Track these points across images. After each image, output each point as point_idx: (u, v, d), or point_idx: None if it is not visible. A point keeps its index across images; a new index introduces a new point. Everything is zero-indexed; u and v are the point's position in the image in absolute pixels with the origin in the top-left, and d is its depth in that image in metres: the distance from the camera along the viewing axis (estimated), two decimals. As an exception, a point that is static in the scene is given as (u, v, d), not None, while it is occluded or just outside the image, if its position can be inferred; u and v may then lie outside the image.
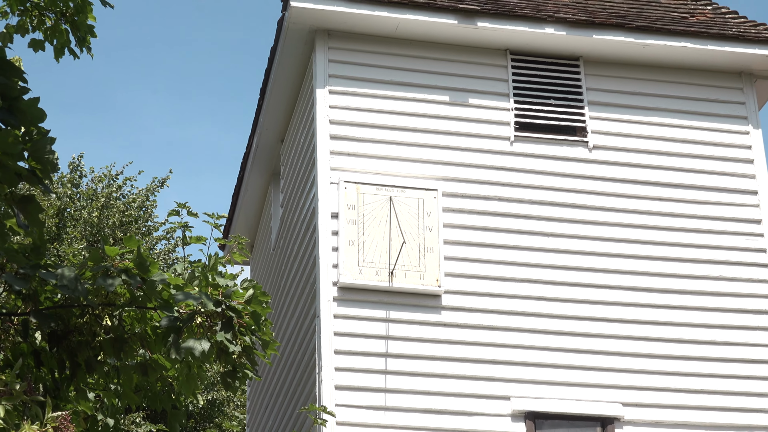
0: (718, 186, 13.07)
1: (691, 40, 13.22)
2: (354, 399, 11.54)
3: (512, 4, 13.18)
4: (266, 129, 14.58)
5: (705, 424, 12.05)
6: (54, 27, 7.57)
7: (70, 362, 7.26)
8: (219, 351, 6.80)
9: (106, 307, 6.97)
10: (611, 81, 13.31)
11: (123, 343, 7.09)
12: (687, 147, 13.18)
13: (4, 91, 5.77)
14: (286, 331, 13.56)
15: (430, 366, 11.82)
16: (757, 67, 13.44)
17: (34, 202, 6.01)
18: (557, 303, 12.25)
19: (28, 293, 7.09)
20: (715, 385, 12.22)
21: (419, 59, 12.99)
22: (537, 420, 11.83)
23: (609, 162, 12.98)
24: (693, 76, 13.47)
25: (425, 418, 11.63)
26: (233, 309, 6.78)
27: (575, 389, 11.97)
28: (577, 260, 12.47)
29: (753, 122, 13.39)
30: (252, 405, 16.56)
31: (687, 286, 12.56)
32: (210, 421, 22.68)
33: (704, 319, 12.45)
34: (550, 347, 12.07)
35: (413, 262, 12.04)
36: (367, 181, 12.29)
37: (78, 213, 24.52)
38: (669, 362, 12.23)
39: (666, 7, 13.90)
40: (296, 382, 12.88)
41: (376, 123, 12.65)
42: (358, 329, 11.81)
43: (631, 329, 12.28)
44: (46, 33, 7.74)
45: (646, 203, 12.86)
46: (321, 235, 12.04)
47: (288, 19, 12.63)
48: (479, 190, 12.59)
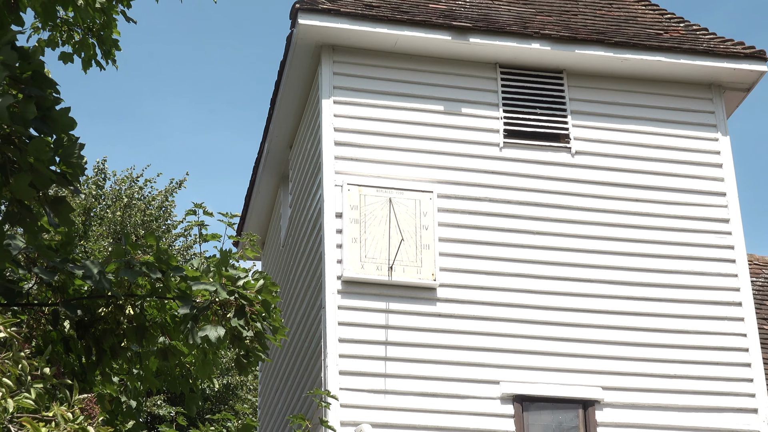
0: (689, 188, 13.07)
1: (666, 55, 13.22)
2: (356, 383, 11.54)
3: (501, 22, 13.18)
4: (276, 136, 14.58)
5: (678, 406, 12.06)
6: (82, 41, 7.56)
7: (96, 349, 7.25)
8: (233, 337, 6.80)
9: (128, 298, 6.97)
10: (592, 92, 13.31)
11: (144, 330, 7.09)
12: (661, 152, 13.18)
13: (38, 102, 5.77)
14: (294, 321, 13.56)
15: (426, 353, 11.82)
16: (725, 79, 13.44)
17: (64, 202, 6.01)
18: (543, 295, 12.26)
19: (57, 285, 7.09)
20: (687, 370, 12.22)
21: (416, 72, 12.99)
22: (524, 402, 11.82)
23: (590, 166, 12.97)
24: (667, 87, 13.46)
25: (422, 400, 11.63)
26: (245, 298, 6.78)
27: (559, 374, 11.98)
28: (561, 256, 12.47)
29: (722, 130, 13.39)
30: (263, 389, 16.55)
31: (661, 280, 12.57)
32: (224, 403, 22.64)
33: (677, 310, 12.46)
34: (536, 336, 12.08)
35: (411, 258, 12.04)
36: (369, 183, 12.30)
37: (103, 212, 24.50)
38: (645, 349, 12.24)
39: (642, 24, 13.90)
40: (303, 368, 12.88)
41: (376, 130, 12.65)
42: (361, 319, 11.82)
43: (611, 319, 12.29)
44: (74, 46, 7.73)
45: (624, 204, 12.86)
46: (326, 233, 12.05)
47: (296, 35, 12.65)
48: (471, 192, 12.59)
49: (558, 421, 11.89)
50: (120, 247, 7.01)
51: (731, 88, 13.57)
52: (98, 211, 24.55)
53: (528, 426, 11.76)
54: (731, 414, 12.11)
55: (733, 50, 13.35)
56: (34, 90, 5.83)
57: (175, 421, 18.82)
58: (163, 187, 26.33)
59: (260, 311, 6.81)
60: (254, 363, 7.14)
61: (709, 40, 13.56)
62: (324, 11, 12.59)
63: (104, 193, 25.36)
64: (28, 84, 5.83)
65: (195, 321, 6.74)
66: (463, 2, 13.66)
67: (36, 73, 5.90)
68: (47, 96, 5.88)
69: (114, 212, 24.17)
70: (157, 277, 6.84)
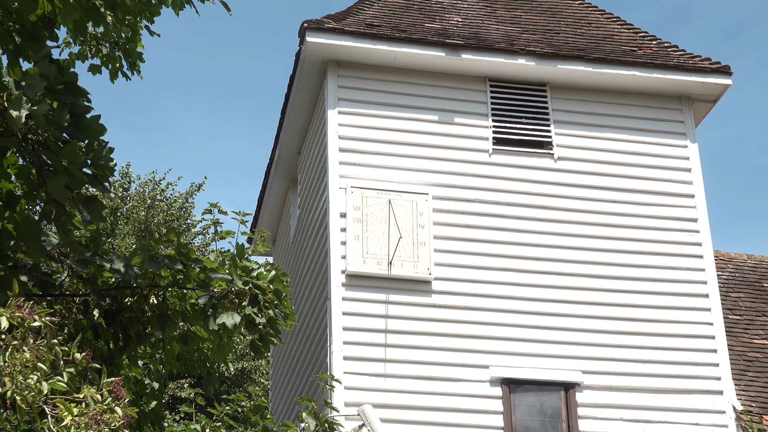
0: (661, 190, 13.07)
1: (639, 69, 13.22)
2: (359, 367, 11.54)
3: (490, 39, 13.18)
4: (286, 143, 14.58)
5: (651, 388, 12.06)
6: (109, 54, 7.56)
7: (123, 335, 7.24)
8: (248, 323, 6.79)
9: (152, 288, 6.96)
10: (573, 103, 13.31)
11: (166, 318, 7.08)
12: (635, 158, 13.18)
13: (72, 109, 5.77)
14: (302, 311, 13.56)
15: (422, 340, 11.82)
16: (693, 91, 13.44)
17: (96, 201, 6.02)
18: (528, 288, 12.26)
19: (87, 277, 7.08)
20: (659, 356, 12.23)
21: (413, 85, 12.99)
22: (511, 385, 11.82)
23: (571, 171, 12.97)
24: (641, 99, 13.46)
25: (418, 383, 11.63)
26: (259, 287, 6.77)
27: (543, 359, 11.98)
28: (545, 253, 12.48)
29: (690, 137, 13.39)
30: (274, 373, 16.54)
31: (635, 274, 12.57)
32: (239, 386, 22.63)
33: (650, 301, 12.46)
34: (523, 324, 12.08)
35: (408, 254, 12.03)
36: (370, 186, 12.29)
37: (128, 213, 24.48)
38: (621, 337, 12.24)
39: (618, 41, 13.91)
40: (311, 354, 12.88)
41: (377, 138, 12.65)
42: (363, 310, 11.82)
43: (590, 309, 12.30)
44: (102, 59, 7.72)
45: (601, 205, 12.87)
46: (331, 231, 12.05)
47: (304, 52, 12.65)
48: (463, 194, 12.59)
49: (542, 402, 11.89)
50: (144, 242, 7.01)
51: (699, 100, 13.57)
52: (124, 212, 24.53)
53: (515, 407, 11.76)
54: (699, 395, 12.12)
55: (701, 65, 13.36)
56: (68, 98, 5.84)
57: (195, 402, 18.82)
58: (184, 190, 26.33)
59: (272, 299, 6.80)
60: (267, 347, 7.14)
61: (679, 56, 13.57)
62: (330, 30, 12.59)
63: (129, 195, 25.35)
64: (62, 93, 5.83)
65: (213, 309, 6.74)
66: (455, 22, 13.67)
67: (69, 83, 5.91)
68: (80, 104, 5.88)
69: (138, 212, 24.16)
70: (178, 269, 6.84)
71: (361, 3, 13.75)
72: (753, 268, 15.34)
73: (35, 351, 5.19)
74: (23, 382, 5.09)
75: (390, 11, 13.64)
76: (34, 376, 5.12)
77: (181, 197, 25.80)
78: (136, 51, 7.55)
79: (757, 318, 14.12)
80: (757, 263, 15.49)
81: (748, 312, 14.22)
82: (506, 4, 14.54)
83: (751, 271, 15.25)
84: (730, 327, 13.49)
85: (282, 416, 14.67)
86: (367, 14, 13.36)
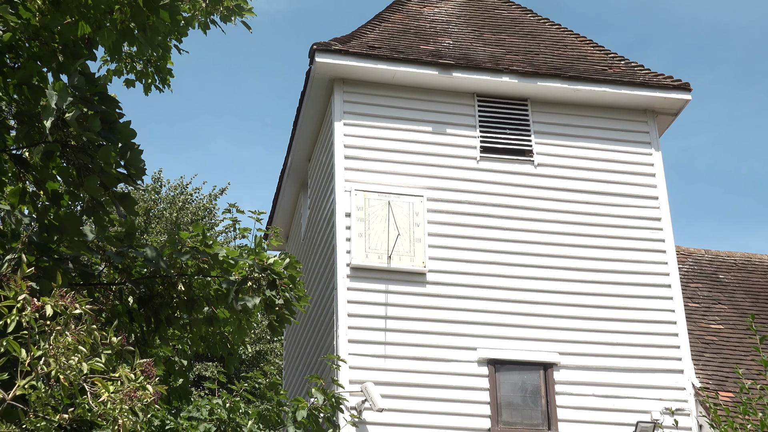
0: (629, 193, 13.06)
1: (610, 86, 13.22)
2: (362, 349, 11.53)
3: (478, 60, 13.17)
4: (297, 151, 14.57)
5: (619, 368, 12.04)
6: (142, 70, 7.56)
7: (154, 319, 7.24)
8: (266, 305, 6.79)
9: (180, 277, 6.97)
10: (551, 116, 13.30)
11: (193, 303, 7.09)
12: (606, 164, 13.17)
13: (105, 116, 5.77)
14: (312, 300, 13.54)
15: (418, 325, 11.81)
16: (657, 105, 13.44)
17: (130, 197, 6.02)
18: (512, 279, 12.25)
19: (123, 267, 7.08)
20: (627, 339, 12.22)
21: (410, 100, 12.98)
22: (496, 365, 11.81)
23: (549, 176, 12.97)
24: (611, 112, 13.46)
25: (413, 363, 11.62)
26: (275, 273, 6.78)
27: (524, 342, 11.96)
28: (526, 248, 12.47)
29: (655, 146, 13.38)
30: (287, 354, 16.53)
31: (606, 267, 12.56)
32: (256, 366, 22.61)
33: (619, 291, 12.45)
34: (506, 311, 12.07)
35: (405, 249, 12.02)
36: (372, 189, 12.28)
37: (159, 213, 24.45)
38: (593, 322, 12.23)
39: (591, 61, 13.90)
40: (319, 337, 12.87)
41: (378, 147, 12.64)
42: (365, 298, 11.80)
43: (566, 298, 12.28)
44: (136, 75, 7.71)
45: (577, 206, 12.86)
46: (338, 229, 12.04)
47: (314, 70, 12.64)
48: (454, 196, 12.58)
49: (523, 381, 11.87)
50: (173, 236, 7.02)
51: (662, 113, 13.56)
52: (156, 212, 24.51)
53: (499, 384, 11.74)
54: (662, 374, 12.11)
55: (664, 82, 13.35)
56: (99, 107, 5.83)
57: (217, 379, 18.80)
58: (208, 193, 26.30)
59: (287, 283, 6.80)
60: (283, 326, 7.14)
61: (645, 74, 13.56)
62: (336, 51, 12.59)
63: (160, 198, 25.32)
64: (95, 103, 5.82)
65: (236, 293, 6.74)
66: (447, 44, 13.66)
67: (101, 94, 5.91)
68: (111, 111, 5.88)
69: (169, 213, 24.14)
70: (203, 259, 6.84)
71: (364, 27, 13.75)
72: (710, 262, 15.33)
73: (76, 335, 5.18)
74: (66, 363, 5.07)
75: (389, 34, 13.64)
76: (75, 357, 5.11)
77: (205, 199, 25.79)
78: (166, 67, 7.54)
79: (714, 306, 14.11)
80: (714, 257, 15.49)
81: (706, 300, 14.21)
82: (492, 28, 14.54)
83: (708, 264, 15.24)
84: (689, 314, 13.47)
85: (294, 393, 14.65)
86: (369, 37, 13.36)
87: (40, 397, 5.09)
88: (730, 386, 12.16)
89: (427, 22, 14.29)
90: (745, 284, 14.78)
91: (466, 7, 15.08)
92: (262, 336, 22.47)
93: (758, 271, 15.22)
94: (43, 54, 6.50)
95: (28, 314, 5.11)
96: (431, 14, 14.59)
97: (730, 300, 14.28)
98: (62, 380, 5.05)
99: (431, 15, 14.56)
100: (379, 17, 14.17)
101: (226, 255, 6.83)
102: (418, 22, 14.25)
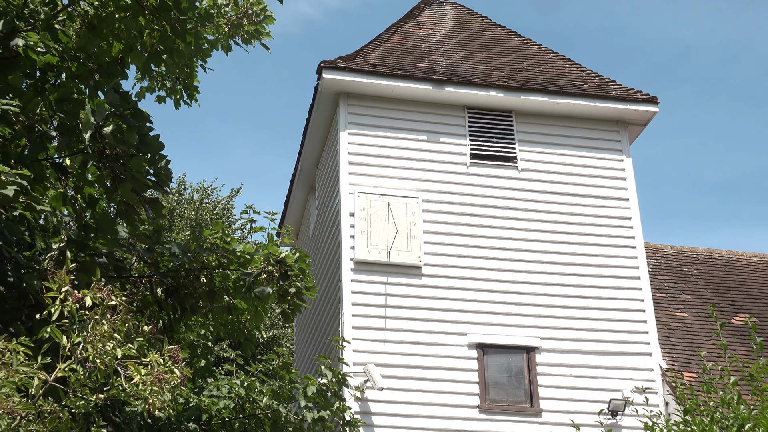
0: (603, 195, 13.08)
1: (585, 99, 13.24)
2: (364, 334, 11.56)
3: (468, 76, 13.20)
4: (307, 158, 14.59)
5: (595, 351, 12.08)
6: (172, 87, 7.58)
7: (180, 307, 7.27)
8: (279, 295, 6.81)
9: (202, 270, 6.99)
10: (533, 126, 13.31)
11: (214, 293, 7.11)
12: (582, 169, 13.19)
13: (138, 130, 5.81)
14: (320, 291, 13.58)
15: (414, 313, 11.83)
16: (628, 117, 13.46)
17: (158, 201, 6.05)
18: (498, 272, 12.28)
19: (151, 262, 7.11)
20: (601, 325, 12.24)
21: (407, 112, 13.00)
22: (484, 349, 11.84)
23: (532, 179, 12.99)
24: (586, 122, 13.48)
25: (410, 347, 11.65)
26: (287, 265, 6.80)
27: (509, 328, 11.99)
28: (511, 244, 12.49)
29: (626, 153, 13.40)
30: (297, 339, 16.57)
31: (583, 261, 12.59)
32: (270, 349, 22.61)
33: (595, 282, 12.48)
34: (494, 301, 12.10)
35: (403, 245, 12.05)
36: (373, 192, 12.31)
37: (182, 213, 24.46)
38: (572, 310, 12.26)
39: (569, 77, 13.93)
40: (326, 324, 12.90)
41: (379, 154, 12.67)
42: (367, 289, 11.83)
43: (547, 289, 12.31)
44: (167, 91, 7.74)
45: (556, 206, 12.88)
46: (342, 227, 12.06)
47: (321, 85, 12.67)
48: (447, 198, 12.61)
49: (509, 363, 11.89)
50: (196, 233, 7.05)
51: (633, 124, 13.58)
52: (179, 212, 24.52)
53: (487, 366, 11.77)
54: (633, 357, 12.14)
55: (634, 96, 13.38)
56: (133, 121, 5.87)
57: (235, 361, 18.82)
58: (226, 194, 26.30)
59: (298, 274, 6.83)
60: (295, 313, 7.16)
61: (617, 89, 13.59)
62: (341, 68, 12.62)
63: (184, 199, 25.33)
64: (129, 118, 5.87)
65: (253, 283, 6.76)
66: (440, 62, 13.69)
67: (135, 110, 5.95)
68: (143, 126, 5.92)
69: (190, 212, 24.15)
70: (223, 254, 6.86)
71: (366, 47, 13.77)
72: (675, 256, 15.36)
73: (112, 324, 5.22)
74: (102, 348, 5.11)
75: (389, 53, 13.67)
76: (111, 344, 5.15)
77: (223, 200, 25.79)
78: (193, 84, 7.56)
79: (678, 296, 14.14)
80: (679, 252, 15.52)
81: (671, 291, 14.24)
82: (480, 47, 14.57)
83: (674, 259, 15.27)
84: (657, 303, 13.51)
85: (303, 373, 14.68)
86: (371, 56, 13.38)
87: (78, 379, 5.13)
88: (694, 367, 12.20)
89: (423, 43, 14.32)
90: (706, 276, 14.82)
91: (457, 29, 15.10)
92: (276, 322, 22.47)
93: (718, 265, 15.26)
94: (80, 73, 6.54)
95: (70, 305, 5.15)
96: (426, 35, 14.62)
97: (693, 290, 14.32)
98: (98, 364, 5.08)
99: (426, 36, 14.59)
100: (380, 38, 14.20)
101: (243, 251, 6.86)
102: (414, 42, 14.28)
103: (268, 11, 7.11)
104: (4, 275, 6.02)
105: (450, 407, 11.45)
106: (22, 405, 4.72)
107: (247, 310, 7.11)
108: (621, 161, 13.32)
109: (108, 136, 5.67)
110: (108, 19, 6.53)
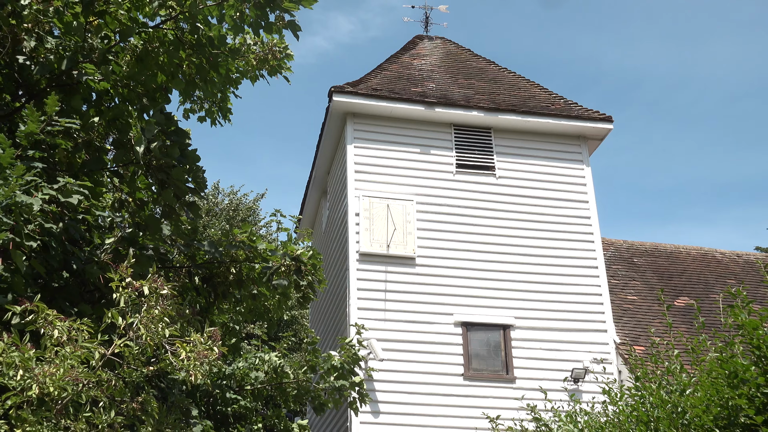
0: (566, 198, 13.08)
1: (552, 118, 13.24)
2: (368, 315, 11.57)
3: (454, 98, 13.20)
4: (320, 167, 14.59)
5: (559, 328, 12.09)
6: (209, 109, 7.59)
7: (214, 293, 7.27)
8: (295, 286, 6.80)
9: (232, 263, 6.99)
10: (509, 140, 13.32)
11: (242, 283, 7.11)
12: (549, 177, 13.19)
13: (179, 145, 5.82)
14: (331, 279, 13.59)
15: (409, 297, 11.84)
16: (588, 133, 13.46)
17: (195, 205, 6.06)
18: (480, 262, 12.29)
19: (190, 254, 7.12)
20: (564, 307, 12.25)
21: (403, 128, 13.00)
22: (468, 326, 11.85)
23: (508, 185, 12.99)
24: (553, 138, 13.47)
25: (406, 325, 11.66)
26: (302, 261, 6.79)
27: (488, 309, 12.00)
28: (490, 239, 12.50)
29: (586, 163, 13.40)
30: (312, 319, 16.56)
31: (549, 253, 12.60)
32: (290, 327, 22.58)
33: (559, 271, 12.49)
34: (476, 286, 12.11)
35: (400, 240, 12.06)
36: (375, 195, 12.31)
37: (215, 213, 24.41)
38: (540, 294, 12.27)
39: (538, 99, 13.93)
40: (336, 306, 12.91)
41: (380, 164, 12.66)
42: (370, 277, 11.83)
43: (520, 276, 12.32)
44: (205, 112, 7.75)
45: (528, 207, 12.89)
46: (349, 225, 12.07)
47: (331, 107, 12.67)
48: (436, 201, 12.61)
49: (488, 338, 11.91)
50: (227, 232, 7.05)
51: (592, 138, 13.59)
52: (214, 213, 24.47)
53: (470, 341, 11.78)
54: (591, 333, 12.15)
55: (593, 115, 13.38)
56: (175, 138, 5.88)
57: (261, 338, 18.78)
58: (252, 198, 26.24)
59: (311, 270, 6.83)
60: (308, 302, 7.16)
61: (579, 109, 13.59)
62: (348, 92, 12.62)
63: (218, 202, 25.30)
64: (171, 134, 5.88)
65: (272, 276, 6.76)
66: (431, 87, 13.68)
67: (177, 128, 5.95)
68: (183, 141, 5.93)
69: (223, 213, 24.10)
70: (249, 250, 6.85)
71: (370, 74, 13.78)
72: (627, 249, 15.37)
73: (162, 309, 5.24)
74: (153, 329, 5.14)
75: (388, 80, 13.67)
76: (161, 325, 5.17)
77: (250, 203, 25.73)
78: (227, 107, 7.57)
79: (630, 282, 14.15)
80: (630, 246, 15.53)
81: (624, 278, 14.25)
82: (464, 75, 14.56)
83: (626, 251, 15.28)
84: (611, 288, 13.52)
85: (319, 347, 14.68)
86: (373, 81, 13.38)
87: (132, 353, 5.14)
88: (643, 342, 12.21)
89: (416, 71, 14.32)
90: (653, 266, 14.83)
91: (446, 59, 15.10)
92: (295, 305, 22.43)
93: (663, 257, 15.27)
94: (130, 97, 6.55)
95: (130, 292, 5.17)
96: (419, 65, 14.62)
97: (642, 278, 14.33)
98: (149, 341, 5.10)
99: (419, 65, 14.60)
100: (381, 67, 14.20)
101: (265, 249, 6.86)
102: (409, 70, 14.28)
103: (289, 51, 7.13)
104: (69, 266, 6.03)
105: (439, 375, 11.47)
106: (85, 374, 4.74)
107: (269, 299, 7.09)
108: (582, 170, 13.33)
109: (155, 150, 5.68)
110: (153, 52, 6.54)
